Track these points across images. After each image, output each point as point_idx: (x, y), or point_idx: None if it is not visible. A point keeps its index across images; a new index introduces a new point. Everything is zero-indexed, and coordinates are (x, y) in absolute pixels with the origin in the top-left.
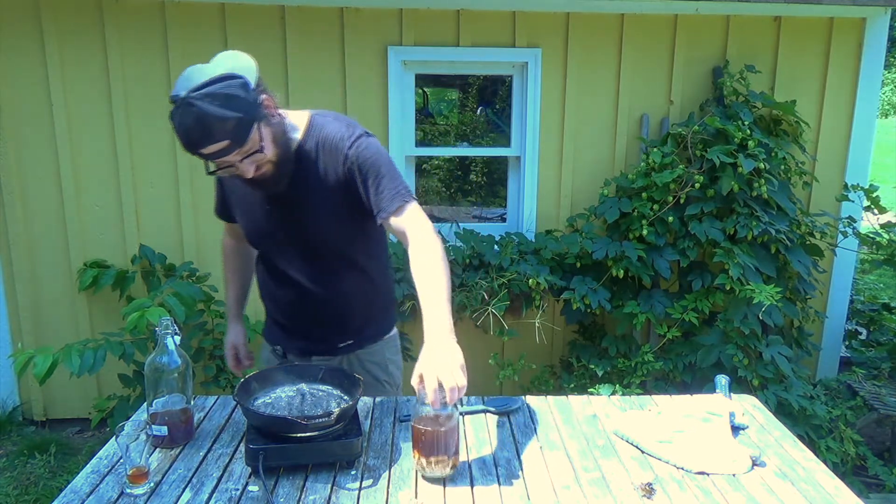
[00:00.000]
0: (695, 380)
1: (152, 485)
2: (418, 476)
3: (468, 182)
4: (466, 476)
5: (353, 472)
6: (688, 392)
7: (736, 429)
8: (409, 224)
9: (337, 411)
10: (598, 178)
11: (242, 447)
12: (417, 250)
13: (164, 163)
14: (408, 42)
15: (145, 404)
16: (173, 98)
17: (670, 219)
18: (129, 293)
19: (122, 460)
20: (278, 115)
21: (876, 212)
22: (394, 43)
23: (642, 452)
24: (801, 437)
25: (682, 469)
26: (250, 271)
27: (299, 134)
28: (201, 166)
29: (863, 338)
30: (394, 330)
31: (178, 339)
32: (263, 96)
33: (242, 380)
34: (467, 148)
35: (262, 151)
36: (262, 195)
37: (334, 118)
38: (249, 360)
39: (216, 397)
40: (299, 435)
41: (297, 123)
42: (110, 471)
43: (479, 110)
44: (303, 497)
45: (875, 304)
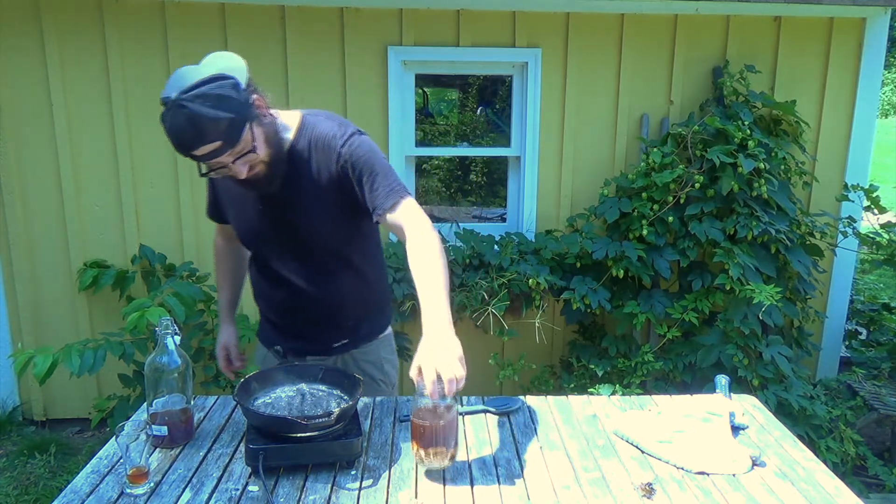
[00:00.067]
0: (695, 380)
1: (152, 485)
2: (418, 476)
3: (468, 182)
4: (466, 476)
5: (353, 472)
6: (688, 392)
7: (736, 429)
8: (405, 219)
9: (337, 411)
10: (598, 178)
11: (242, 447)
12: (415, 245)
13: (164, 163)
14: (408, 42)
15: (145, 404)
16: (164, 100)
17: (670, 219)
18: (129, 293)
19: (122, 460)
20: (270, 115)
21: (876, 212)
22: (394, 43)
23: (642, 452)
24: (801, 437)
25: (682, 469)
26: (242, 273)
27: (291, 134)
28: None
29: (863, 338)
30: (388, 329)
31: (178, 339)
32: (255, 96)
33: (242, 380)
34: (467, 148)
35: (254, 151)
36: (254, 196)
37: (326, 117)
38: (241, 362)
39: (216, 397)
40: (299, 435)
41: (289, 123)
42: (110, 471)
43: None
44: (303, 497)
45: (875, 304)
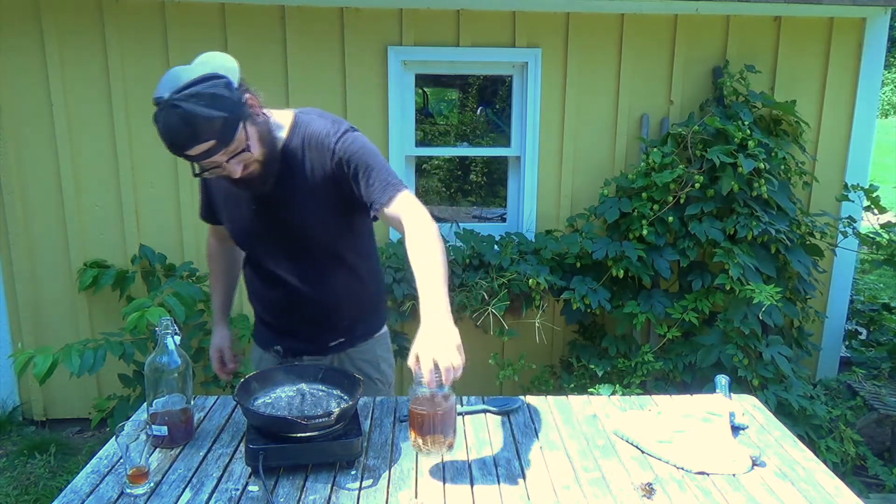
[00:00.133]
0: (695, 380)
1: (152, 485)
2: (418, 476)
3: (468, 182)
4: (466, 476)
5: (353, 472)
6: (688, 392)
7: (736, 429)
8: (403, 211)
9: (337, 411)
10: (598, 178)
11: (242, 447)
12: (413, 235)
13: (164, 163)
14: (408, 42)
15: (145, 404)
16: (157, 100)
17: (670, 219)
18: (129, 293)
19: (122, 460)
20: (263, 114)
21: (876, 212)
22: (394, 43)
23: (642, 452)
24: (801, 437)
25: (682, 469)
26: (236, 274)
27: (284, 133)
28: None
29: (863, 338)
30: (384, 328)
31: (178, 339)
32: (247, 95)
33: (242, 380)
34: (467, 148)
35: (248, 150)
36: (248, 195)
37: (319, 115)
38: (234, 364)
39: (216, 397)
40: (299, 435)
41: (282, 122)
42: (110, 471)
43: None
44: (303, 497)
45: (875, 304)
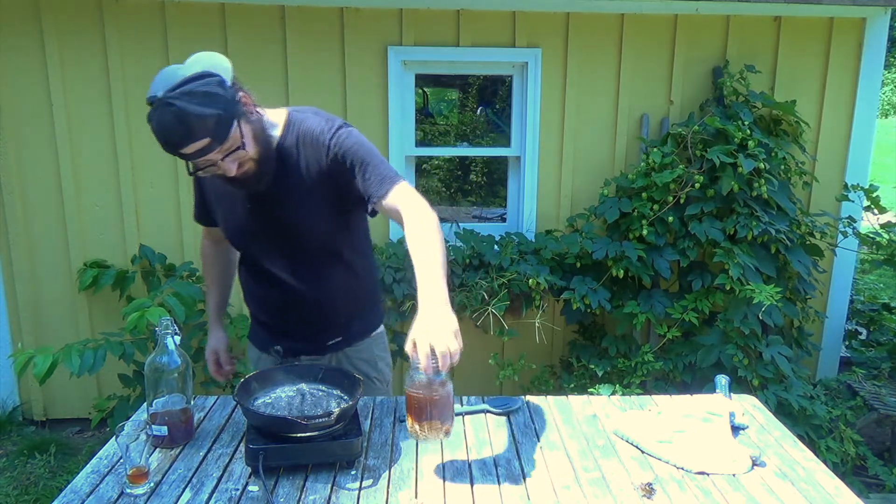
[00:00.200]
0: (695, 380)
1: (152, 485)
2: (418, 476)
3: (468, 182)
4: (466, 476)
5: (353, 472)
6: (688, 392)
7: (736, 429)
8: (401, 202)
9: (337, 411)
10: (598, 178)
11: (242, 447)
12: (412, 224)
13: (164, 163)
14: (408, 42)
15: (145, 404)
16: (150, 100)
17: (670, 219)
18: (129, 293)
19: (122, 460)
20: (257, 112)
21: (876, 212)
22: (394, 43)
23: (642, 452)
24: (801, 437)
25: (682, 469)
26: (231, 276)
27: (278, 131)
28: None
29: (863, 338)
30: (381, 327)
31: (178, 339)
32: (241, 94)
33: (242, 380)
34: (467, 148)
35: (243, 148)
36: (243, 195)
37: (313, 113)
38: (230, 366)
39: (216, 397)
40: (299, 435)
41: (276, 121)
42: (110, 471)
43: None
44: (303, 497)
45: (875, 304)
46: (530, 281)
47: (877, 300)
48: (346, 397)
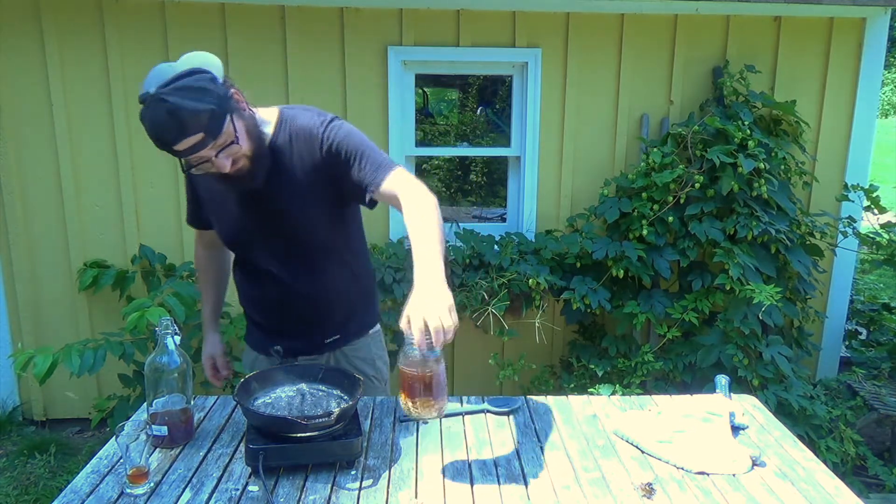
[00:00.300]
0: (695, 380)
1: (152, 485)
2: (418, 476)
3: (468, 182)
4: (466, 476)
5: (353, 472)
6: (688, 392)
7: (736, 429)
8: (398, 187)
9: (337, 411)
10: (598, 178)
11: (242, 447)
12: (410, 206)
13: (164, 163)
14: (408, 42)
15: (145, 404)
16: (143, 97)
17: (670, 219)
18: (129, 293)
19: (122, 460)
20: (249, 109)
21: (876, 212)
22: (394, 43)
23: (642, 452)
24: (801, 437)
25: (682, 469)
26: (225, 282)
27: (270, 128)
28: None
29: (863, 338)
30: (378, 325)
31: (178, 339)
32: (232, 90)
33: (243, 380)
34: (467, 148)
35: (237, 143)
36: (237, 194)
37: (303, 109)
38: (227, 371)
39: (216, 397)
40: (299, 435)
41: (268, 119)
42: (110, 471)
43: (479, 110)
44: (303, 497)
45: (875, 304)
46: (530, 281)
47: (877, 300)
48: (346, 397)
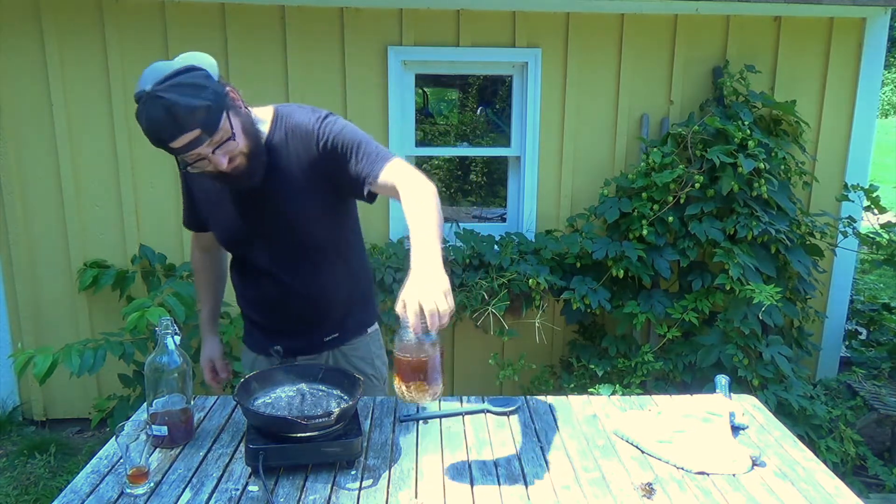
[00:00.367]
0: (695, 380)
1: (152, 485)
2: (418, 476)
3: (468, 182)
4: (466, 476)
5: (353, 472)
6: (688, 392)
7: (736, 429)
8: (396, 176)
9: (337, 411)
10: (598, 178)
11: (242, 447)
12: (408, 193)
13: (164, 163)
14: (408, 42)
15: (145, 404)
16: (138, 95)
17: (670, 219)
18: (129, 293)
19: (122, 460)
20: (245, 107)
21: (876, 212)
22: (394, 43)
23: (642, 452)
24: (801, 437)
25: (682, 469)
26: (222, 285)
27: (266, 126)
28: None
29: (863, 338)
30: (376, 324)
31: (178, 339)
32: (228, 87)
33: (243, 380)
34: (467, 148)
35: (233, 139)
36: (234, 194)
37: (298, 107)
38: (226, 373)
39: (216, 397)
40: (299, 435)
41: (263, 117)
42: (110, 471)
43: (479, 110)
44: (303, 497)
45: (875, 304)
46: (530, 281)
47: (877, 300)
48: (346, 397)
